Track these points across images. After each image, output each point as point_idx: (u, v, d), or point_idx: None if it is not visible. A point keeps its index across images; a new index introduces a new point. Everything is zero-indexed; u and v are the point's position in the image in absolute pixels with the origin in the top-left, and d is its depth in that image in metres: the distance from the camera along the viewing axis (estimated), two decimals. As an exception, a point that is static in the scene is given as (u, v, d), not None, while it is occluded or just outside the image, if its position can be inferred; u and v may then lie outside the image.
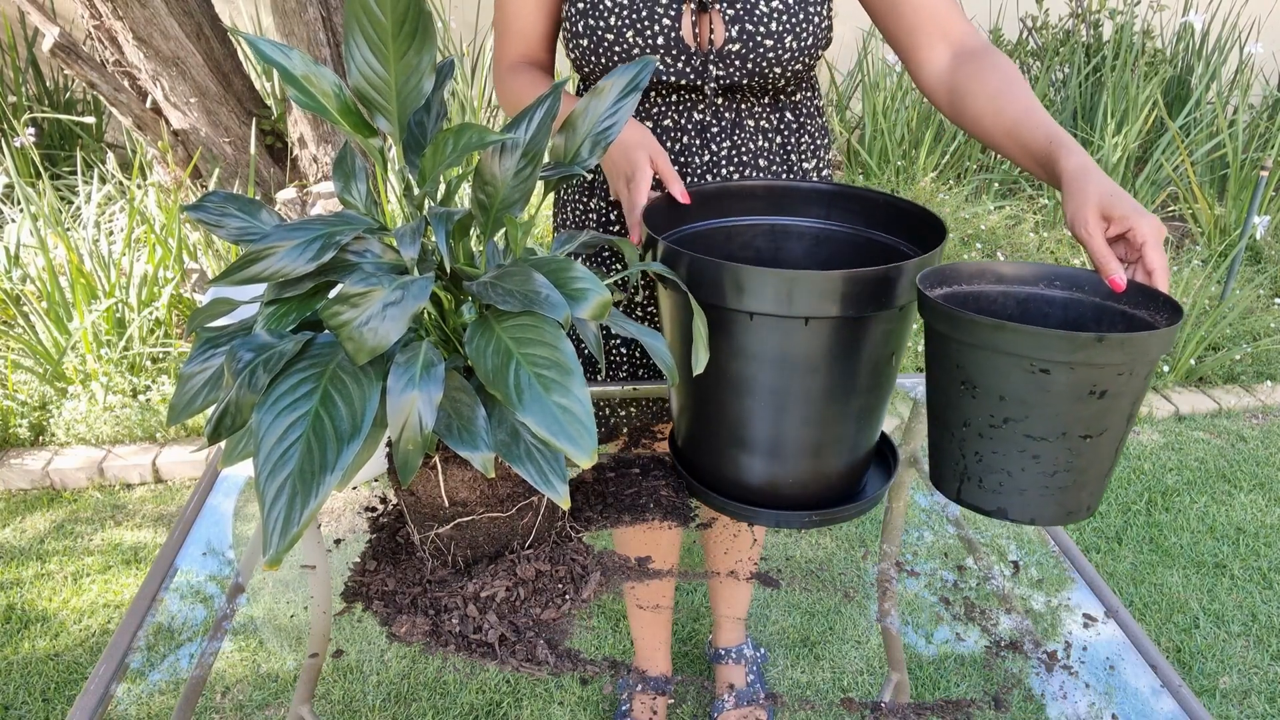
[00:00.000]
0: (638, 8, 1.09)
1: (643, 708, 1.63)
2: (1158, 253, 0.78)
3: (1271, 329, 3.10)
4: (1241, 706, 1.81)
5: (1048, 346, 0.72)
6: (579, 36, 1.13)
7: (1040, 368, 0.73)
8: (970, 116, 1.02)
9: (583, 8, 1.11)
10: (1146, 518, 2.37)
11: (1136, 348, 0.71)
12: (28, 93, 4.01)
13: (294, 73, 0.75)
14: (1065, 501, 0.80)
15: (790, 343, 0.85)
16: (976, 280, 0.87)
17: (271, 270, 0.70)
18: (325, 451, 0.65)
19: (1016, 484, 0.79)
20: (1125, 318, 0.82)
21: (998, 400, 0.76)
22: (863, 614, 2.00)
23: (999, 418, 0.77)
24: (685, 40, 1.10)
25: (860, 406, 0.91)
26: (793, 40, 1.10)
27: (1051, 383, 0.73)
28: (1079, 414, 0.74)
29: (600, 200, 1.27)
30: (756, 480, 0.95)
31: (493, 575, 0.85)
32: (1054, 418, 0.75)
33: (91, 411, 2.59)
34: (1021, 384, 0.74)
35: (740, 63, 1.11)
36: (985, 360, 0.75)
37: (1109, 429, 0.76)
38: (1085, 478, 0.78)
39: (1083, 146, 3.98)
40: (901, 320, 0.88)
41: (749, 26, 1.09)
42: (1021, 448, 0.77)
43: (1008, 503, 0.81)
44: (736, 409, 0.91)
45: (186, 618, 0.92)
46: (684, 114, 1.17)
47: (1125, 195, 0.81)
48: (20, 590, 2.12)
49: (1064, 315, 0.86)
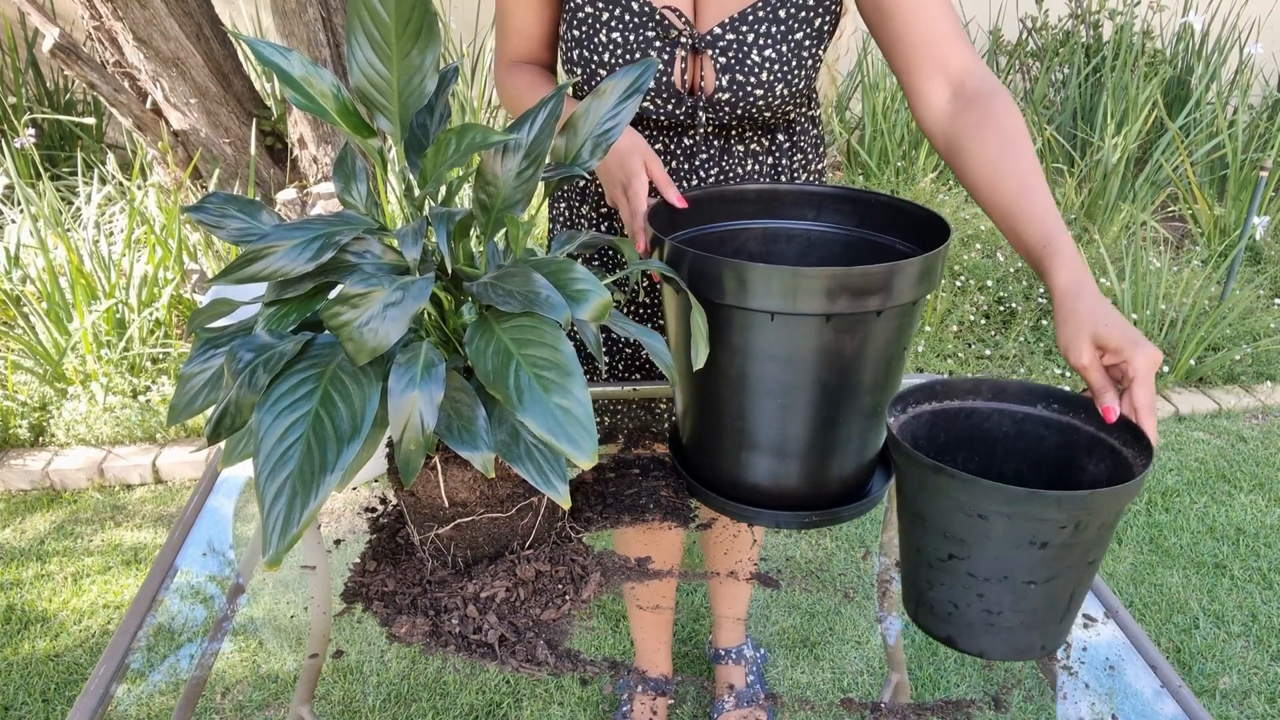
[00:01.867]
0: (631, 48, 1.09)
1: (643, 708, 1.63)
2: (1146, 389, 0.76)
3: (1271, 329, 3.10)
4: (1241, 707, 1.81)
5: (982, 495, 0.70)
6: (573, 64, 1.13)
7: (978, 513, 0.71)
8: (968, 180, 0.95)
9: (578, 36, 1.11)
10: (1146, 518, 2.37)
11: (1077, 505, 0.68)
12: (28, 93, 4.01)
13: (292, 74, 0.75)
14: (1014, 641, 0.78)
15: (798, 341, 0.85)
16: (972, 396, 0.86)
17: (271, 269, 0.70)
18: (325, 452, 0.65)
19: (963, 617, 0.78)
20: (1113, 454, 0.79)
21: (942, 536, 0.75)
22: (863, 614, 2.00)
23: (944, 552, 0.76)
24: (675, 85, 1.10)
25: (869, 405, 0.91)
26: (783, 88, 1.09)
27: (990, 528, 0.71)
28: (1022, 561, 0.72)
29: (591, 208, 1.27)
30: (762, 481, 0.95)
31: (493, 576, 0.85)
32: (995, 560, 0.73)
33: (91, 412, 2.59)
34: (963, 525, 0.73)
35: (730, 109, 1.10)
36: (930, 497, 0.74)
37: (1059, 576, 0.73)
38: (1035, 620, 0.76)
39: (1079, 142, 3.95)
40: (909, 317, 0.88)
41: (739, 76, 1.08)
42: (966, 584, 0.76)
43: (955, 633, 0.79)
44: (742, 408, 0.91)
45: (186, 618, 0.92)
46: (673, 140, 1.17)
47: (1118, 320, 0.77)
48: (20, 590, 2.12)
49: (1059, 440, 0.84)
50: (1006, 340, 2.97)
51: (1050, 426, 0.84)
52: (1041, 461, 0.85)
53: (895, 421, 0.82)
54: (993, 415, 0.86)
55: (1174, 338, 2.98)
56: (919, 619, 0.82)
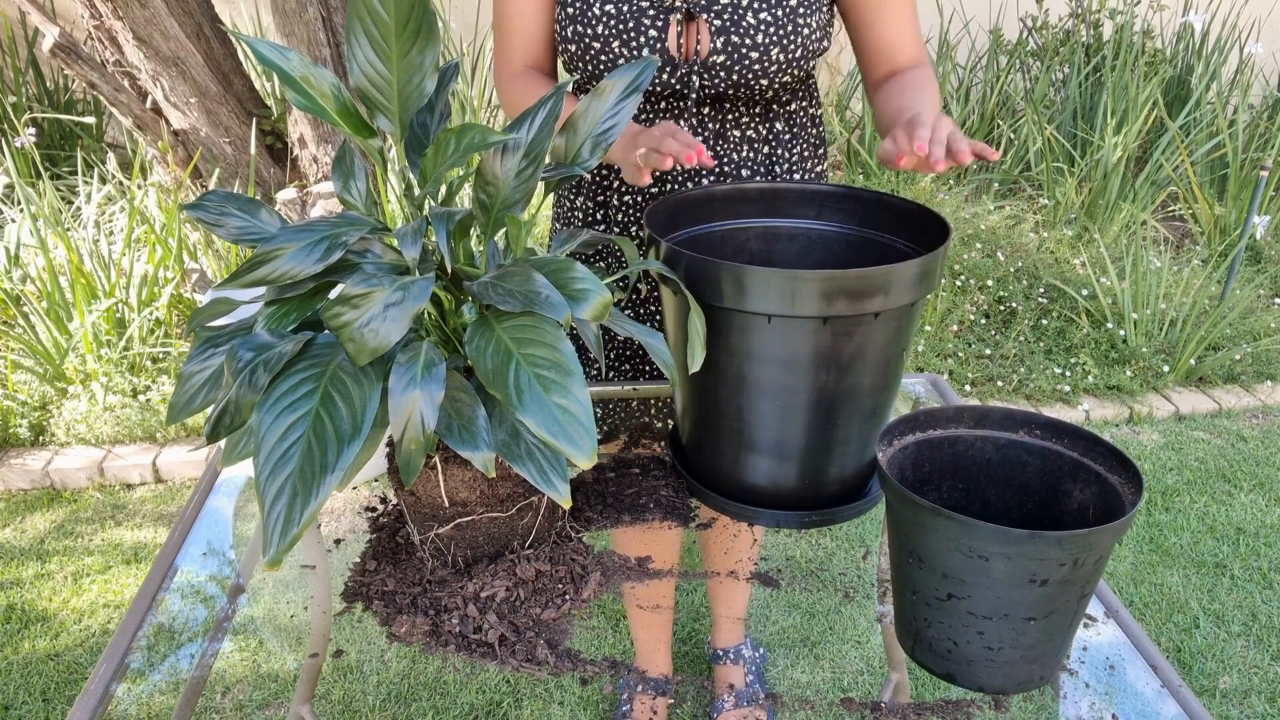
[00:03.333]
0: (624, 18, 1.09)
1: (643, 708, 1.63)
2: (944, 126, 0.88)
3: (1271, 329, 3.10)
4: (1241, 706, 1.81)
5: (982, 537, 0.70)
6: (567, 42, 1.13)
7: (978, 554, 0.71)
8: (879, 116, 1.13)
9: (571, 13, 1.11)
10: (1146, 518, 2.37)
11: (1076, 544, 0.69)
12: (28, 93, 4.01)
13: (292, 74, 0.75)
14: (1014, 674, 0.78)
15: (796, 344, 0.85)
16: (954, 424, 0.86)
17: (279, 273, 0.70)
18: (325, 452, 0.65)
19: (963, 654, 0.78)
20: (1098, 480, 0.80)
21: (941, 576, 0.75)
22: (863, 614, 2.00)
23: (943, 592, 0.76)
24: (670, 51, 1.10)
25: (868, 407, 0.91)
26: (779, 53, 1.10)
27: (990, 569, 0.72)
28: (1022, 599, 0.73)
29: (587, 199, 1.27)
30: (761, 482, 0.95)
31: (493, 575, 0.85)
32: (995, 600, 0.73)
33: (91, 411, 2.59)
34: (962, 565, 0.73)
35: (725, 74, 1.11)
36: (928, 538, 0.74)
37: (1056, 611, 0.74)
38: (1034, 653, 0.77)
39: (1079, 141, 3.94)
40: (908, 318, 0.88)
41: (734, 38, 1.08)
42: (965, 623, 0.76)
43: (956, 670, 0.79)
44: (741, 410, 0.91)
45: (187, 618, 0.92)
46: (669, 121, 1.17)
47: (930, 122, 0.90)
48: (20, 590, 2.12)
49: (1042, 466, 0.84)
50: (1006, 340, 2.97)
51: (1033, 452, 0.85)
52: (1026, 487, 0.86)
53: (884, 455, 0.82)
54: (976, 443, 0.86)
55: (1174, 337, 2.98)
56: (917, 655, 0.83)
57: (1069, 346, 2.98)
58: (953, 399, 1.25)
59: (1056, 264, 3.27)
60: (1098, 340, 2.99)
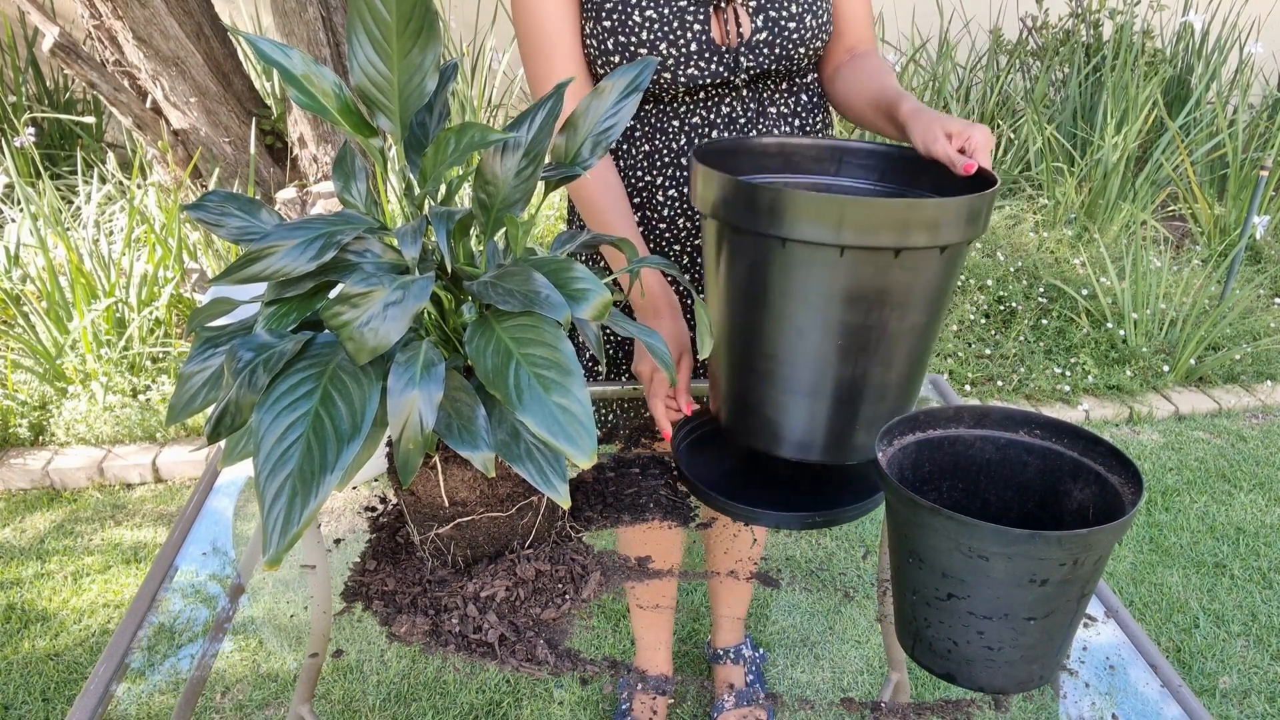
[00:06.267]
0: (667, 19, 1.10)
1: (643, 708, 1.63)
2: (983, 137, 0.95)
3: (1271, 329, 3.10)
4: (1241, 706, 1.81)
5: (982, 537, 0.70)
6: (609, 55, 1.11)
7: (978, 554, 0.71)
8: (839, 99, 1.23)
9: (610, 25, 1.10)
10: (1146, 517, 2.37)
11: (1076, 544, 0.69)
12: (28, 93, 4.01)
13: (294, 72, 0.75)
14: (1014, 673, 0.78)
15: (868, 276, 0.83)
16: (954, 424, 0.86)
17: (272, 269, 0.70)
18: (325, 451, 0.65)
19: (963, 654, 0.78)
20: (1098, 480, 0.80)
21: (941, 576, 0.75)
22: (863, 614, 1.99)
23: (943, 592, 0.76)
24: (716, 40, 1.12)
25: (920, 348, 0.91)
26: (811, 19, 1.15)
27: (990, 569, 0.72)
28: (1022, 599, 0.73)
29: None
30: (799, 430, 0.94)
31: (493, 575, 0.85)
32: (995, 600, 0.73)
33: (91, 411, 2.59)
34: (962, 565, 0.73)
35: (769, 50, 1.14)
36: (928, 538, 0.74)
37: (1056, 610, 0.74)
38: (1034, 653, 0.77)
39: (1079, 141, 3.95)
40: (961, 256, 0.88)
41: (772, 14, 1.13)
42: (965, 623, 0.76)
43: (955, 669, 0.80)
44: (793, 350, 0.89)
45: (187, 618, 0.92)
46: (712, 109, 1.18)
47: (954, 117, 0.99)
48: (20, 590, 2.12)
49: (1042, 466, 0.84)
50: (1006, 340, 2.97)
51: (1033, 452, 0.85)
52: (1026, 487, 0.86)
53: (884, 456, 0.82)
54: (976, 442, 0.86)
55: (1174, 337, 2.98)
56: (917, 655, 0.83)
57: (1069, 346, 2.98)
58: (952, 399, 1.25)
59: (1056, 264, 3.27)
60: (1098, 340, 2.99)
